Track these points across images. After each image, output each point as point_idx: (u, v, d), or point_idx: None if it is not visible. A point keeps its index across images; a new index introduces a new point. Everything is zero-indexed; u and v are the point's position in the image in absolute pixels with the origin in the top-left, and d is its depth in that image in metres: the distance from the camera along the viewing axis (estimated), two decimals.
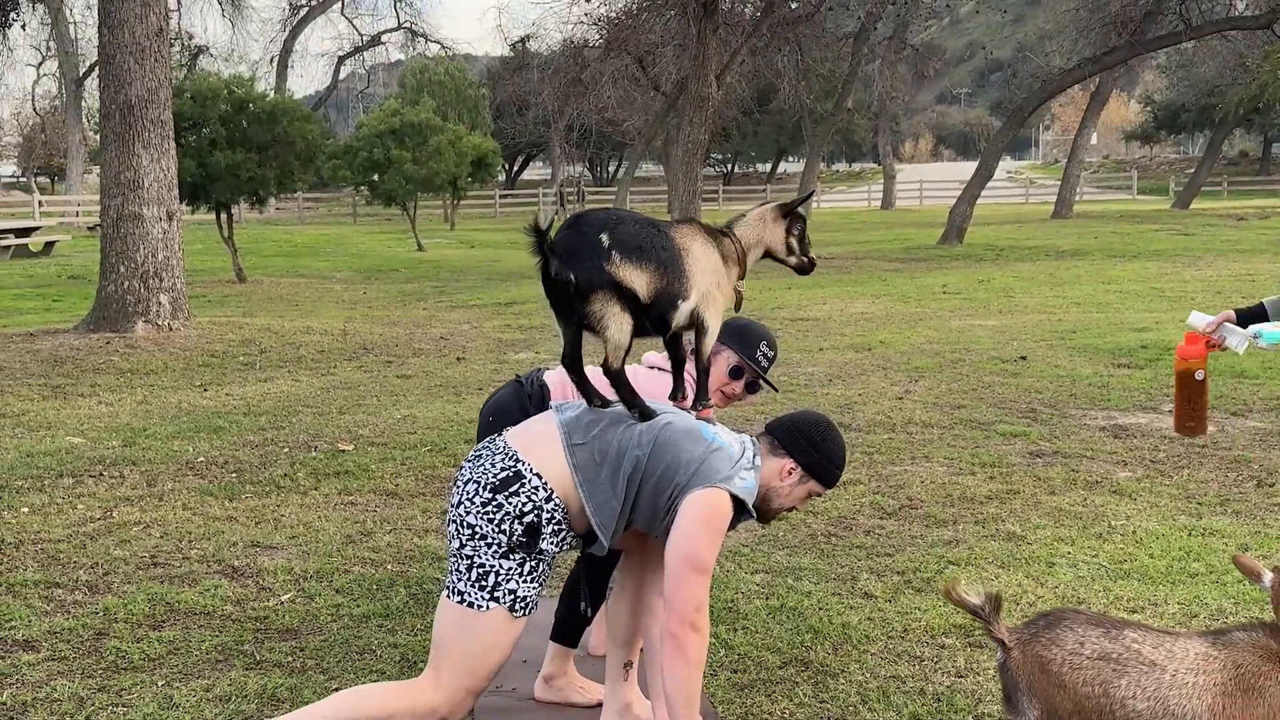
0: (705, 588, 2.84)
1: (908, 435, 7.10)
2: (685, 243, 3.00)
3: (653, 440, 2.88)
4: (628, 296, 2.86)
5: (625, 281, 2.85)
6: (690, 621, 2.81)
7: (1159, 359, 9.46)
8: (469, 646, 2.85)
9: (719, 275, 3.04)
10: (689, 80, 23.72)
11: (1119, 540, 4.97)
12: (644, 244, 2.91)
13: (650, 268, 2.89)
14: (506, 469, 2.86)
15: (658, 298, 2.91)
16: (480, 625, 2.84)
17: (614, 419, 2.97)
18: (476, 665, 2.86)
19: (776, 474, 2.99)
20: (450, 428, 7.44)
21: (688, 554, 2.82)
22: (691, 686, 2.84)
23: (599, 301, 2.85)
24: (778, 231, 3.19)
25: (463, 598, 2.85)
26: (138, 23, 11.04)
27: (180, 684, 3.66)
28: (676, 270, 2.93)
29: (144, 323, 11.32)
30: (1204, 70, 39.96)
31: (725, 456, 2.89)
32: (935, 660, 3.79)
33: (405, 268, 22.49)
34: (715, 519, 2.84)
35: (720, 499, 2.85)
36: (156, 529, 5.33)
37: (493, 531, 2.82)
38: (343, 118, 63.30)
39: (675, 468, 2.85)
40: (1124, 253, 21.55)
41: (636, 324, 2.91)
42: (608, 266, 2.84)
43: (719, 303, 3.04)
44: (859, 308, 14.27)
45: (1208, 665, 2.40)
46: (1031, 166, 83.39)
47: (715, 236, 3.11)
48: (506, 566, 2.83)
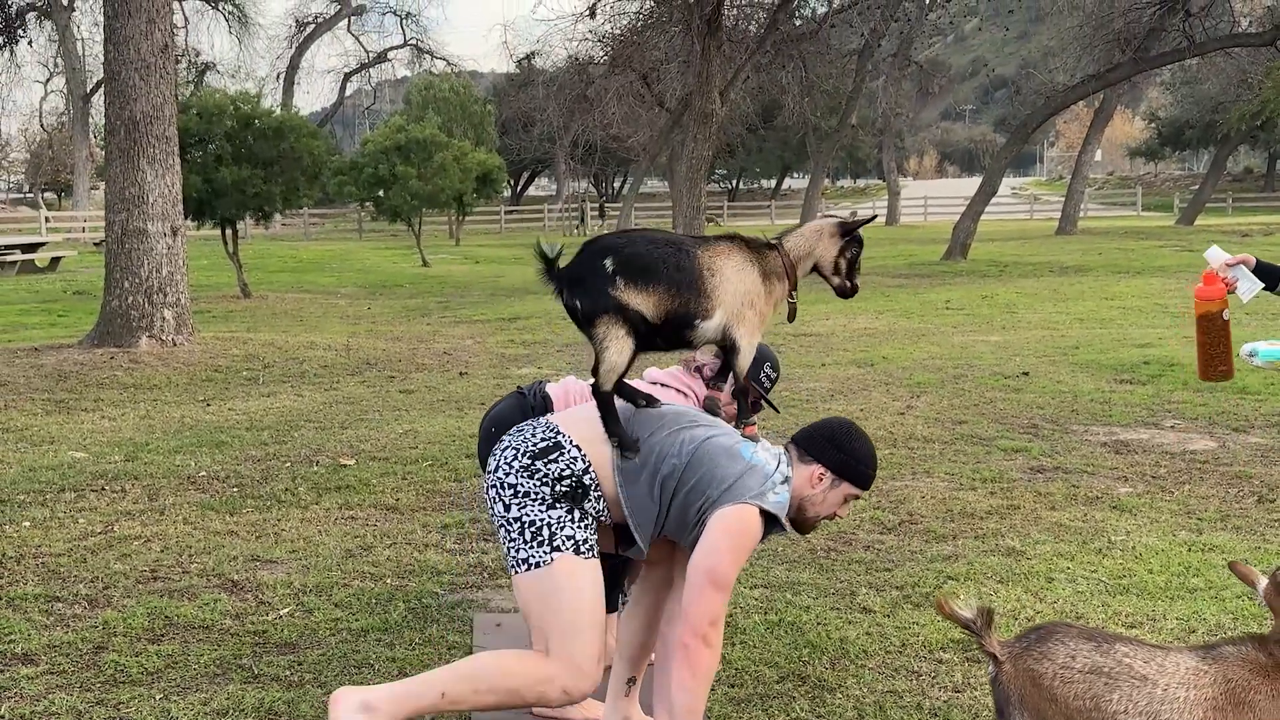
0: (722, 604, 2.86)
1: (909, 450, 7.10)
2: (712, 262, 3.00)
3: (692, 451, 2.91)
4: (634, 319, 2.89)
5: (630, 304, 2.88)
6: (703, 635, 2.82)
7: (1161, 375, 9.46)
8: (553, 605, 2.84)
9: (754, 294, 3.04)
10: (693, 97, 23.78)
11: (1118, 556, 4.96)
12: (652, 265, 2.92)
13: (660, 289, 2.91)
14: (547, 439, 2.90)
15: (669, 318, 2.93)
16: (553, 579, 2.83)
17: (661, 422, 2.99)
18: (570, 623, 2.83)
19: (807, 482, 3.01)
20: (452, 443, 7.45)
21: (709, 569, 2.83)
22: (696, 699, 2.85)
23: (603, 325, 2.90)
24: (831, 249, 3.16)
25: (526, 564, 2.86)
26: (143, 39, 11.10)
27: (178, 697, 3.66)
28: (694, 290, 2.94)
29: (148, 338, 11.35)
30: (1208, 87, 40.02)
31: (760, 474, 2.91)
32: (933, 675, 3.79)
33: (410, 283, 22.54)
34: (742, 535, 2.86)
35: (749, 515, 2.87)
36: (157, 543, 5.34)
37: (535, 487, 2.85)
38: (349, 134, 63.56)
39: (709, 481, 2.87)
40: (1128, 269, 21.55)
41: (647, 343, 2.95)
42: (612, 291, 2.89)
43: (751, 321, 3.04)
44: (862, 323, 14.28)
45: (1198, 680, 2.41)
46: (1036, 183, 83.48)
47: (758, 252, 3.10)
48: (556, 516, 2.85)
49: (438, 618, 4.39)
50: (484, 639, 4.16)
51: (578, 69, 32.81)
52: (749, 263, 3.06)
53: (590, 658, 2.83)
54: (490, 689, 2.84)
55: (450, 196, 27.58)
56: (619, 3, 27.04)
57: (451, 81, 48.65)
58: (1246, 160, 67.20)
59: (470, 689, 2.85)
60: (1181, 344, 11.19)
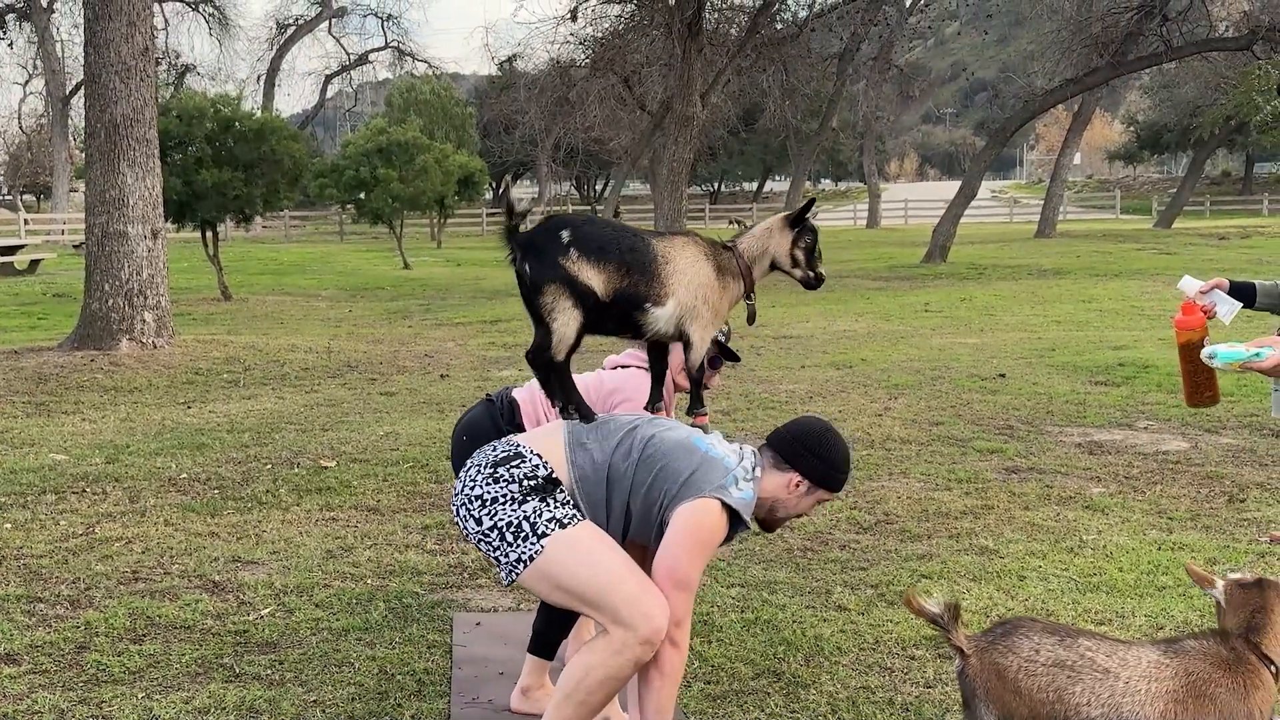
0: (686, 604, 2.85)
1: (886, 451, 7.17)
2: (668, 252, 3.05)
3: (641, 450, 2.91)
4: (582, 293, 2.92)
5: (580, 277, 2.92)
6: (669, 636, 2.83)
7: (1136, 377, 9.56)
8: (573, 584, 2.81)
9: (708, 290, 3.07)
10: (674, 100, 23.85)
11: (1090, 554, 5.04)
12: (606, 243, 2.97)
13: (610, 268, 2.95)
14: (507, 450, 2.92)
15: (618, 298, 2.96)
16: (557, 562, 2.81)
17: (615, 427, 3.00)
18: (599, 589, 2.79)
19: (783, 488, 3.01)
20: (433, 445, 7.49)
21: (670, 569, 2.84)
22: (664, 698, 2.88)
23: (550, 294, 2.93)
24: (784, 243, 3.18)
25: (521, 562, 2.83)
26: (123, 42, 11.10)
27: (160, 696, 3.70)
28: (647, 274, 2.98)
29: (128, 340, 11.35)
30: (1186, 91, 40.28)
31: (719, 466, 2.90)
32: (905, 671, 3.85)
33: (391, 286, 22.54)
34: (702, 532, 2.85)
35: (710, 510, 2.85)
36: (138, 544, 5.37)
37: (502, 490, 2.84)
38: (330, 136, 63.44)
39: (665, 478, 2.87)
40: (1106, 271, 21.71)
41: (593, 322, 2.97)
42: (563, 261, 2.92)
43: (705, 317, 3.07)
44: (841, 326, 14.36)
45: (1160, 673, 2.47)
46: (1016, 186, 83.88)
47: (714, 251, 3.14)
48: (531, 508, 2.83)
49: (418, 617, 4.43)
50: (463, 638, 4.20)
51: (559, 72, 32.83)
52: (704, 257, 3.09)
53: (637, 600, 2.79)
54: (588, 691, 2.83)
55: (432, 199, 27.60)
56: (600, 5, 27.09)
57: (433, 84, 48.65)
58: (1224, 164, 67.65)
59: (577, 704, 2.84)
60: (1157, 346, 11.31)
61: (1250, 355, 2.92)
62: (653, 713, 2.87)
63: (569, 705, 2.85)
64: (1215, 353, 3.00)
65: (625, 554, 2.88)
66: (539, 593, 2.92)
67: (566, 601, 2.87)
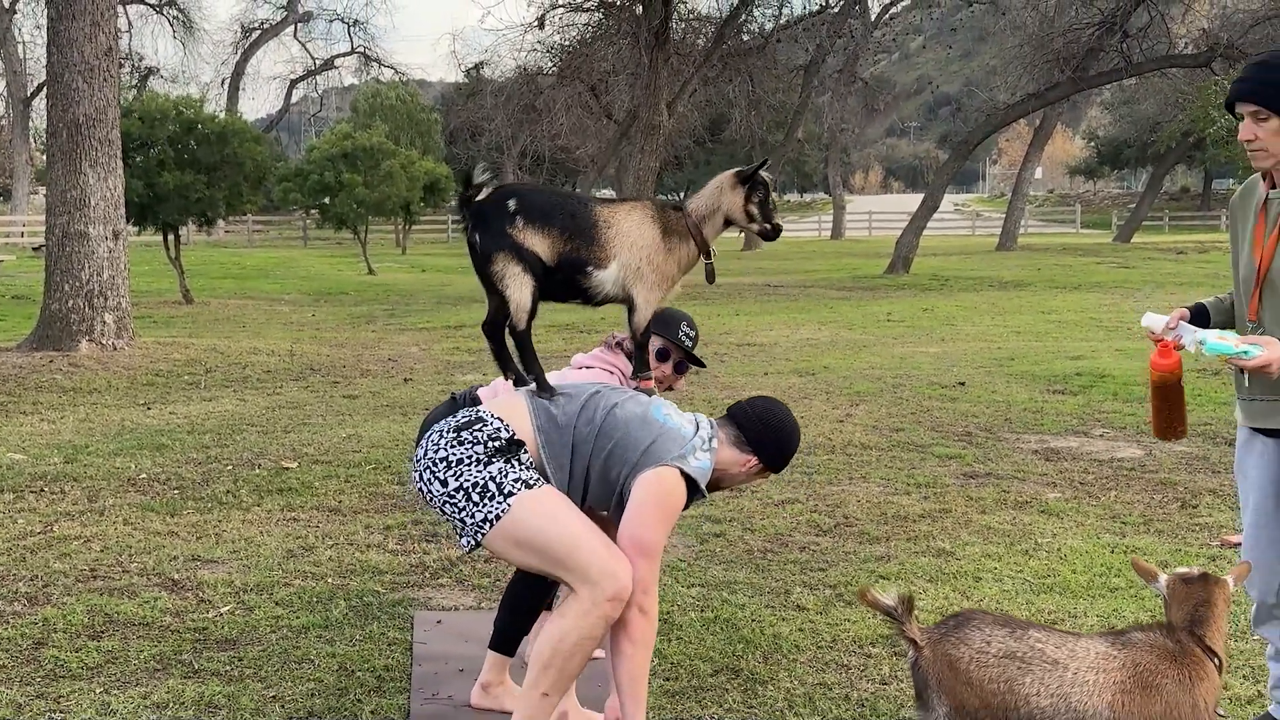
0: (652, 572, 2.91)
1: (847, 456, 7.23)
2: (612, 216, 3.10)
3: (602, 419, 2.96)
4: (529, 259, 3.00)
5: (525, 244, 3.00)
6: (636, 604, 2.88)
7: (1092, 386, 9.69)
8: (538, 544, 2.85)
9: (652, 251, 3.10)
10: (641, 109, 23.95)
11: (1044, 556, 5.11)
12: (550, 209, 3.06)
13: (554, 233, 3.03)
14: (468, 415, 2.96)
15: (561, 262, 3.03)
16: (522, 522, 2.84)
17: (576, 394, 3.04)
18: (564, 548, 2.83)
19: (738, 464, 3.10)
20: (395, 447, 7.48)
21: (634, 537, 2.89)
22: (637, 665, 2.92)
23: (500, 263, 3.02)
24: (737, 199, 3.17)
25: (487, 522, 2.85)
26: (87, 42, 11.04)
27: (118, 691, 3.69)
28: (588, 238, 3.05)
29: (88, 341, 11.27)
30: (1146, 107, 40.85)
31: (677, 437, 2.96)
32: (862, 669, 3.90)
33: (355, 291, 22.47)
34: (666, 499, 2.91)
35: (671, 479, 2.91)
36: (97, 543, 5.34)
37: (466, 452, 2.87)
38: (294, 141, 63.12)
39: (626, 446, 2.92)
40: (1065, 284, 21.95)
41: (545, 288, 3.05)
42: (510, 230, 3.01)
43: (649, 278, 3.10)
44: (805, 334, 14.46)
45: (1107, 664, 2.52)
46: (978, 200, 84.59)
47: (662, 213, 3.17)
48: (496, 468, 2.86)
49: (379, 615, 4.44)
50: (424, 635, 4.22)
51: (526, 79, 32.89)
52: (650, 220, 3.13)
53: (603, 559, 2.84)
54: (566, 657, 2.87)
55: (397, 205, 27.54)
56: (568, 14, 27.16)
57: (399, 90, 48.50)
58: (1184, 179, 68.54)
59: (556, 671, 2.89)
60: (1114, 357, 11.46)
61: (1238, 351, 2.95)
62: (627, 681, 2.91)
63: (549, 675, 2.90)
64: (1204, 339, 3.04)
65: (578, 512, 2.93)
66: (504, 554, 2.95)
67: (532, 562, 2.91)
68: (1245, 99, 3.01)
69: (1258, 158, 3.05)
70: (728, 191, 3.17)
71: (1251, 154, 3.08)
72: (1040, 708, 2.48)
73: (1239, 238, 3.24)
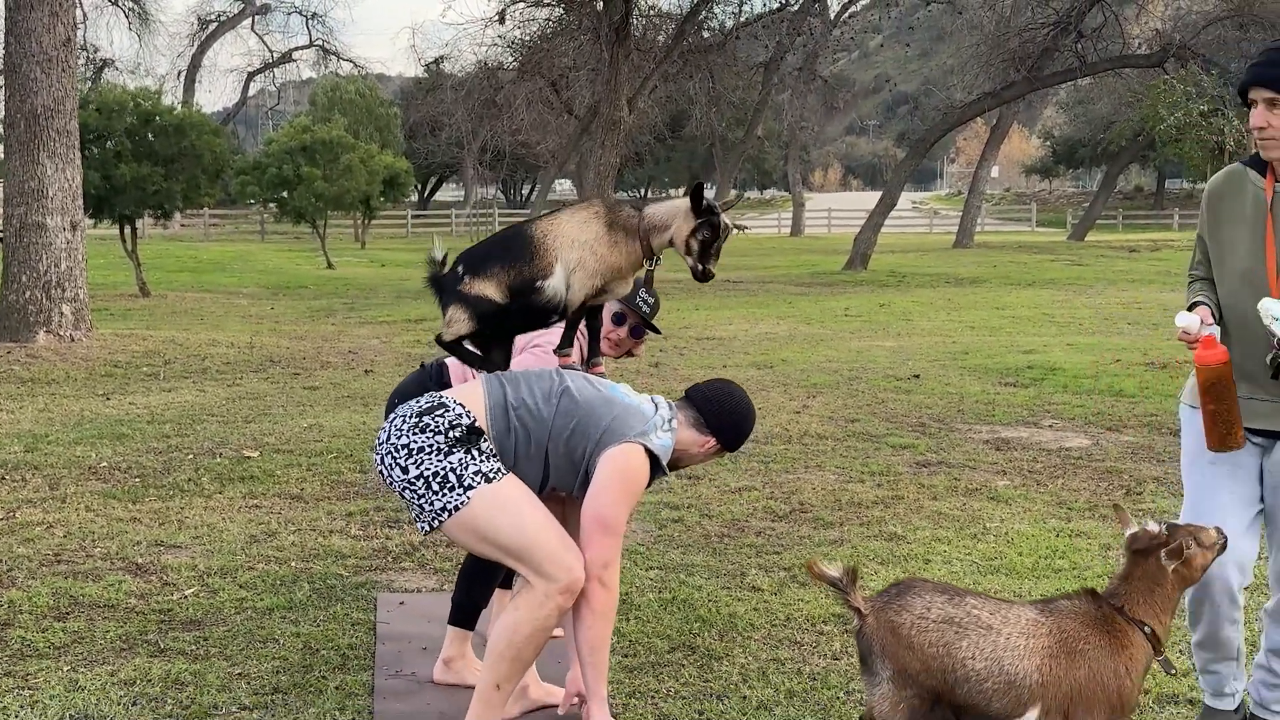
0: (614, 548, 3.00)
1: (803, 446, 7.37)
2: (550, 227, 3.19)
3: (559, 399, 3.04)
4: (480, 306, 3.14)
5: (473, 292, 3.15)
6: (598, 577, 2.97)
7: (1043, 378, 9.89)
8: (497, 537, 2.94)
9: (594, 243, 3.16)
10: (601, 105, 24.02)
11: (992, 540, 5.27)
12: (488, 252, 3.21)
13: (495, 269, 3.16)
14: (430, 401, 3.04)
15: (513, 291, 3.14)
16: (482, 514, 2.92)
17: (536, 377, 3.12)
18: (521, 543, 2.92)
19: (696, 444, 3.19)
20: (357, 436, 7.54)
21: (596, 513, 2.98)
22: (597, 634, 3.02)
23: (451, 311, 3.19)
24: (685, 227, 3.19)
25: (446, 511, 2.93)
26: (45, 32, 10.99)
27: (85, 669, 3.75)
28: (527, 256, 3.15)
29: (46, 333, 11.22)
30: (1100, 107, 41.36)
31: (637, 414, 3.06)
32: (814, 645, 4.02)
33: (314, 285, 22.40)
34: (629, 476, 3.00)
35: (636, 455, 3.00)
36: (60, 529, 5.38)
37: (428, 440, 2.94)
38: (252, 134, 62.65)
39: (587, 424, 3.00)
40: (1020, 281, 22.26)
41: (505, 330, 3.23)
42: (459, 288, 3.18)
43: (589, 264, 3.15)
44: (764, 328, 14.61)
45: (1036, 630, 2.66)
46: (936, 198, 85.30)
47: (612, 209, 3.23)
48: (457, 459, 2.94)
49: (342, 597, 4.52)
50: (387, 615, 4.30)
51: (486, 74, 32.86)
52: (594, 217, 3.19)
53: (557, 553, 2.94)
54: (519, 646, 2.97)
55: (356, 199, 27.45)
56: (528, 9, 27.17)
57: (358, 84, 48.30)
58: (1138, 179, 69.44)
59: (509, 662, 2.98)
60: (1065, 351, 11.69)
61: None
62: (588, 650, 3.01)
63: (503, 663, 2.98)
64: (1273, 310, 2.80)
65: (544, 508, 3.01)
66: (461, 542, 3.04)
67: (488, 552, 3.00)
68: (1262, 84, 2.87)
69: (1268, 147, 2.92)
70: (681, 216, 3.18)
71: (1262, 143, 2.95)
72: (975, 670, 2.61)
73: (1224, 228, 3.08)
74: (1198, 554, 2.75)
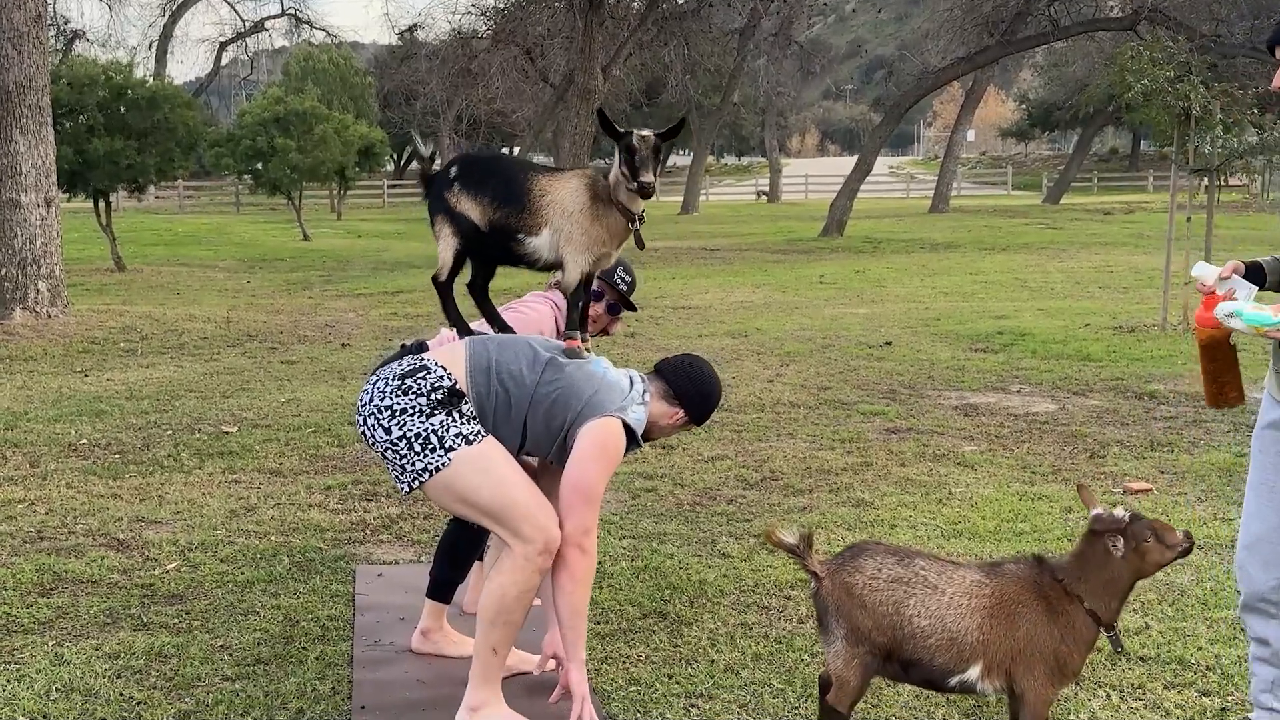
0: (593, 516, 3.10)
1: (775, 415, 7.49)
2: (549, 185, 3.28)
3: (543, 370, 3.12)
4: (462, 223, 3.27)
5: (459, 209, 3.27)
6: (578, 544, 3.07)
7: (1013, 344, 10.04)
8: (476, 499, 3.04)
9: (580, 216, 3.25)
10: (576, 73, 23.97)
11: (957, 505, 5.40)
12: (485, 178, 3.28)
13: (485, 200, 3.26)
14: (413, 364, 3.12)
15: (493, 228, 3.26)
16: (461, 476, 3.02)
17: (514, 345, 3.21)
18: (500, 504, 3.02)
19: (666, 416, 3.30)
20: (334, 411, 7.62)
21: (577, 483, 3.07)
22: (578, 600, 3.11)
23: (438, 224, 3.32)
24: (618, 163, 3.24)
25: (427, 472, 3.02)
26: (15, 9, 10.94)
27: (70, 644, 3.84)
28: (520, 207, 3.24)
29: (22, 310, 11.24)
30: (1075, 69, 41.45)
31: (616, 389, 3.16)
32: (781, 609, 4.15)
33: (290, 257, 22.38)
34: (609, 447, 3.09)
35: (615, 428, 3.10)
36: (41, 506, 5.45)
37: (410, 402, 3.03)
38: (225, 105, 62.13)
39: (568, 396, 3.09)
40: (994, 245, 22.41)
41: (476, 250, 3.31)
42: (447, 195, 3.29)
43: (576, 240, 3.25)
44: (739, 297, 14.71)
45: (979, 591, 2.77)
46: (913, 162, 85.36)
47: (595, 181, 3.30)
48: (438, 421, 3.02)
49: (321, 569, 4.62)
50: (366, 587, 4.40)
51: (461, 42, 32.72)
52: (583, 188, 3.27)
53: (534, 515, 3.04)
54: (509, 610, 3.07)
55: (331, 169, 27.36)
56: None
57: (331, 53, 47.89)
58: (1113, 141, 69.64)
59: (501, 627, 3.08)
60: (1036, 316, 11.84)
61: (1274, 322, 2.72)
62: (568, 614, 3.12)
63: (495, 629, 3.10)
64: (1238, 311, 2.77)
65: (523, 471, 3.11)
66: (441, 503, 3.13)
67: (466, 513, 3.11)
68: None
69: None
70: (618, 156, 3.26)
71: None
72: (921, 627, 2.73)
73: None
74: (1154, 549, 2.79)
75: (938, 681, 2.81)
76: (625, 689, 3.52)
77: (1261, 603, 2.95)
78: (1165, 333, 10.35)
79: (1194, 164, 10.64)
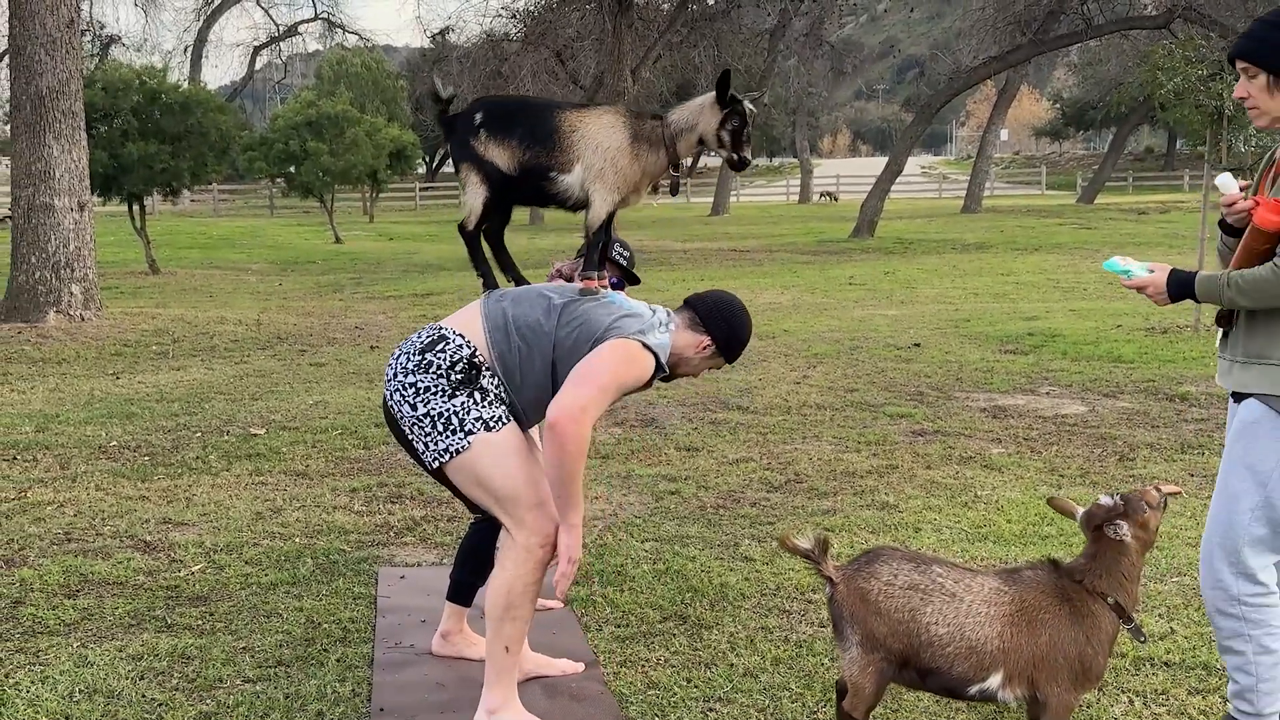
0: (596, 400, 2.95)
1: (801, 417, 7.46)
2: (578, 121, 3.21)
3: (561, 312, 3.11)
4: (488, 169, 3.21)
5: (485, 155, 3.21)
6: (573, 417, 2.91)
7: (1043, 345, 9.96)
8: (488, 484, 3.07)
9: (616, 154, 3.17)
10: (606, 75, 23.99)
11: (982, 508, 5.36)
12: (511, 121, 3.22)
13: (513, 142, 3.20)
14: (431, 334, 3.13)
15: (522, 170, 3.20)
16: (478, 461, 3.05)
17: (526, 296, 3.20)
18: (508, 494, 3.06)
19: (693, 346, 3.23)
20: (361, 413, 7.66)
21: (589, 367, 2.98)
22: (569, 472, 2.96)
23: (463, 171, 3.26)
24: (712, 120, 3.17)
25: (448, 452, 3.06)
26: (49, 14, 11.07)
27: (95, 645, 3.87)
28: (550, 144, 3.18)
29: (56, 313, 11.36)
30: (1109, 68, 41.13)
31: (637, 319, 3.13)
32: (802, 613, 4.13)
33: (322, 260, 22.52)
34: (627, 354, 3.03)
35: (635, 347, 3.05)
36: (70, 508, 5.51)
37: (432, 380, 3.06)
38: (258, 109, 62.61)
39: (589, 330, 3.06)
40: (1026, 246, 22.25)
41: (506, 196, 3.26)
42: (473, 142, 3.22)
43: (609, 178, 3.18)
44: (768, 298, 14.68)
45: (998, 598, 2.75)
46: (945, 162, 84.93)
47: (635, 119, 3.22)
48: (459, 403, 3.05)
49: (344, 572, 4.64)
50: (388, 589, 4.41)
51: (492, 45, 32.80)
52: (619, 124, 3.19)
53: (538, 510, 3.06)
54: (517, 605, 3.10)
55: (363, 173, 27.52)
56: None
57: (364, 56, 48.23)
58: (1148, 140, 69.03)
59: (510, 621, 3.11)
60: (1067, 317, 11.74)
61: (1123, 270, 2.88)
62: (559, 483, 2.98)
63: (505, 624, 3.11)
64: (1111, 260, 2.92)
65: (537, 462, 3.11)
66: (458, 482, 3.15)
67: (479, 495, 3.13)
68: (1241, 56, 2.86)
69: (1254, 115, 2.91)
70: (708, 110, 3.17)
71: (1249, 112, 2.94)
72: (938, 635, 2.71)
73: None
74: (1151, 516, 2.84)
75: (957, 690, 2.79)
76: (644, 692, 3.51)
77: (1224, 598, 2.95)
78: (1198, 334, 10.25)
79: (1227, 162, 10.53)
